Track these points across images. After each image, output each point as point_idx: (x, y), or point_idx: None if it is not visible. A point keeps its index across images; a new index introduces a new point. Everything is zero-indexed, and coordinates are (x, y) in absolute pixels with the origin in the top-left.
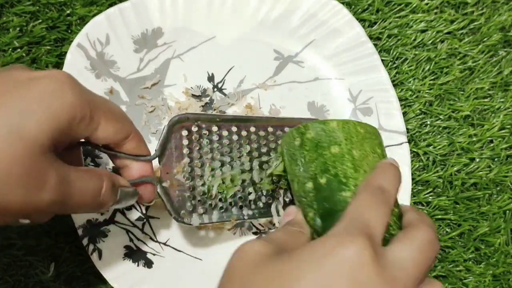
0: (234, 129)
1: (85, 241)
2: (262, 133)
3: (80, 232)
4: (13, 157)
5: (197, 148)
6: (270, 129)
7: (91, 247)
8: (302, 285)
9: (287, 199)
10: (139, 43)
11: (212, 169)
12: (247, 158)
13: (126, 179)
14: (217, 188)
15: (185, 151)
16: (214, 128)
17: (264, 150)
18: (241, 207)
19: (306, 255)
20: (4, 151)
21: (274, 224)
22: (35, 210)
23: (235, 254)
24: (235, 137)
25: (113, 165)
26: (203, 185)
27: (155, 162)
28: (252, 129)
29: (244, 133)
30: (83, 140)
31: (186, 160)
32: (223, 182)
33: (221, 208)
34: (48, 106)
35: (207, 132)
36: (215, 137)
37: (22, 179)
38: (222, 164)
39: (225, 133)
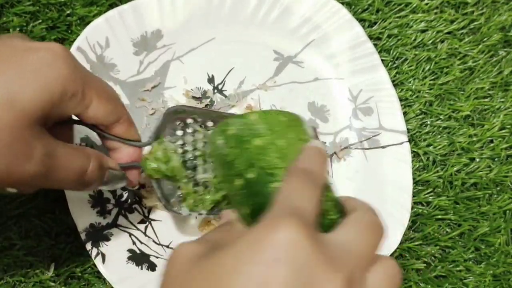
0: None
1: (88, 245)
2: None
3: (83, 236)
4: (4, 126)
5: (191, 140)
6: None
7: (94, 251)
8: (240, 278)
9: None
10: (138, 46)
11: (204, 162)
12: None
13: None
14: (208, 182)
15: (179, 142)
16: (210, 123)
17: None
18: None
19: (239, 247)
20: None
21: None
22: (18, 181)
23: (170, 257)
24: None
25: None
26: (193, 177)
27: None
28: None
29: None
30: (76, 118)
31: (179, 150)
32: (214, 177)
33: (212, 201)
34: (42, 77)
35: (202, 126)
36: (209, 132)
37: (8, 149)
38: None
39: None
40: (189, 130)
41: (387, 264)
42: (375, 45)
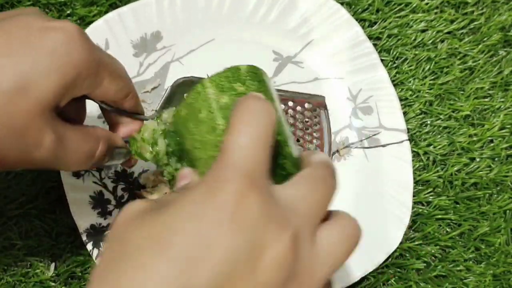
0: None
1: (89, 246)
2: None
3: (84, 237)
4: (14, 113)
5: None
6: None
7: (95, 252)
8: (180, 236)
9: None
10: (138, 47)
11: None
12: None
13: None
14: None
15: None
16: None
17: None
18: None
19: (183, 204)
20: (6, 105)
21: None
22: (27, 165)
23: (118, 214)
24: None
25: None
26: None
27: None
28: None
29: None
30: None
31: None
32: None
33: None
34: (57, 61)
35: None
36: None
37: (19, 136)
38: None
39: None
40: None
41: (342, 222)
42: (375, 45)
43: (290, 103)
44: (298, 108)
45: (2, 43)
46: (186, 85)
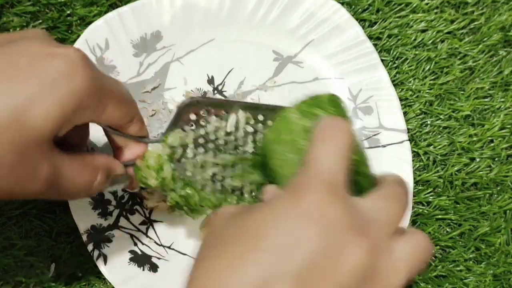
0: (241, 117)
1: (90, 247)
2: (269, 122)
3: (84, 238)
4: (9, 145)
5: (203, 133)
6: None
7: (96, 252)
8: (272, 233)
9: None
10: (138, 47)
11: (215, 154)
12: (251, 146)
13: (121, 159)
14: (216, 175)
15: (192, 135)
16: (223, 113)
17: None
18: (237, 192)
19: (274, 206)
20: (1, 137)
21: None
22: (21, 197)
23: (210, 219)
24: (241, 125)
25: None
26: (203, 169)
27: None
28: (260, 117)
29: (252, 121)
30: None
31: (191, 144)
32: (223, 169)
33: (221, 192)
34: (57, 92)
35: (217, 116)
36: (223, 124)
37: (13, 169)
38: (224, 150)
39: (233, 121)
40: (202, 123)
41: (417, 237)
42: (375, 45)
43: (260, 117)
44: None
45: (1, 71)
46: (193, 105)
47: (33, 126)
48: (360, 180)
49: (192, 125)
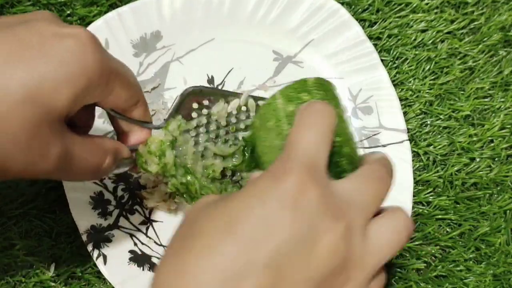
0: (244, 108)
1: (89, 247)
2: None
3: (84, 238)
4: (22, 122)
5: (206, 122)
6: None
7: (95, 252)
8: (247, 220)
9: None
10: (138, 47)
11: (215, 144)
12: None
13: (126, 144)
14: (218, 163)
15: (194, 123)
16: (225, 105)
17: None
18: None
19: (250, 191)
20: (14, 114)
21: None
22: (31, 176)
23: (189, 209)
24: (244, 115)
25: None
26: (204, 158)
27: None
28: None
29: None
30: None
31: (193, 132)
32: (224, 159)
33: (221, 182)
34: (68, 71)
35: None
36: (224, 113)
37: (25, 147)
38: (226, 140)
39: (234, 112)
40: (204, 112)
41: (394, 217)
42: (375, 45)
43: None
44: None
45: (14, 50)
46: (196, 94)
47: (46, 104)
48: (343, 161)
49: (193, 114)
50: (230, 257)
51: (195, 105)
